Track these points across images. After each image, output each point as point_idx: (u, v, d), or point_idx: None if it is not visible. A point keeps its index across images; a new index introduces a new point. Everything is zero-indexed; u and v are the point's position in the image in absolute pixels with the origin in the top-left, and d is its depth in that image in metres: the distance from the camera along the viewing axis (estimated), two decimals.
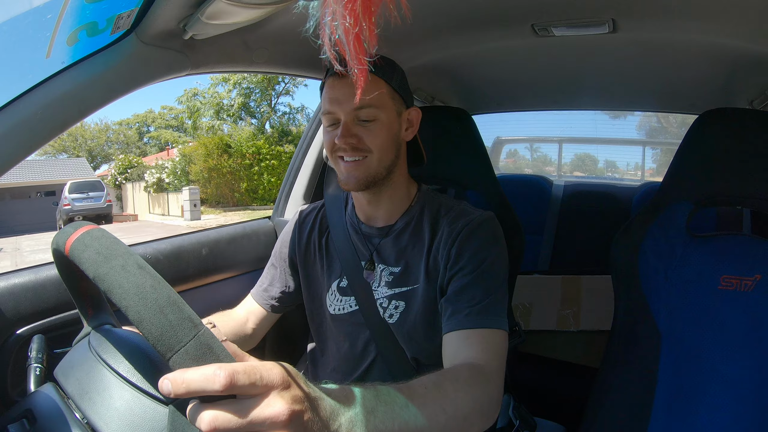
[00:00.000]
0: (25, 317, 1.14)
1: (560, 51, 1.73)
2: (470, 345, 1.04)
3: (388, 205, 1.26)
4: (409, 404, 0.74)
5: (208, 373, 0.51)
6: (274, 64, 1.48)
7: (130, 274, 0.58)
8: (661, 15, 1.37)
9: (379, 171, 1.17)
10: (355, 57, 0.57)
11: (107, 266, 0.59)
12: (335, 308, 1.28)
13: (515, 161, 8.52)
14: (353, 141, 1.14)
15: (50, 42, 0.86)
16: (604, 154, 8.01)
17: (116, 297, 0.57)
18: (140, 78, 1.08)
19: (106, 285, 0.58)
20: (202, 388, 0.50)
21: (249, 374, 0.53)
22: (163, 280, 0.58)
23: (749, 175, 1.25)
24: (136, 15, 0.96)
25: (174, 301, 0.56)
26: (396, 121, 1.20)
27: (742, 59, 1.58)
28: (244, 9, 0.98)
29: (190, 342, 0.53)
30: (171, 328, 0.54)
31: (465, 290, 1.11)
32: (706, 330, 1.21)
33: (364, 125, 1.15)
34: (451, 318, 1.09)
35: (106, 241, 0.63)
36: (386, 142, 1.17)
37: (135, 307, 0.55)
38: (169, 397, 0.51)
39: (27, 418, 0.70)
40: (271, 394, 0.54)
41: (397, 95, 1.20)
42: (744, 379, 1.16)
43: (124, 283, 0.57)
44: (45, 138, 0.93)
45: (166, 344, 0.53)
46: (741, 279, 1.20)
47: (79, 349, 0.80)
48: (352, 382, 1.25)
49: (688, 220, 1.27)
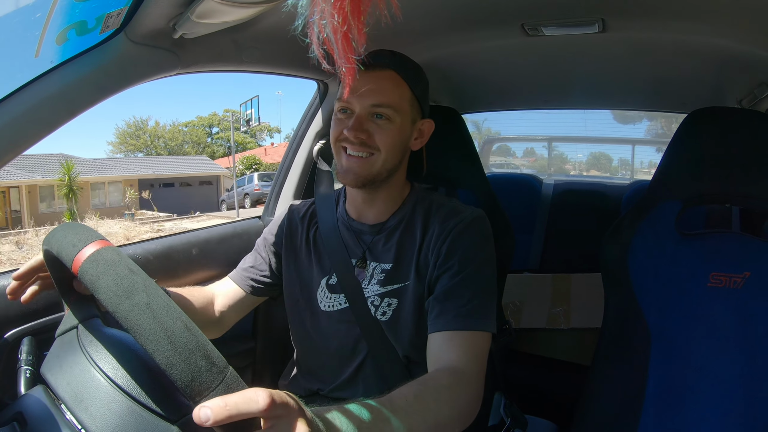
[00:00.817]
0: (13, 320, 1.13)
1: (550, 50, 1.74)
2: (453, 347, 1.05)
3: (381, 205, 1.25)
4: (392, 417, 0.77)
5: (250, 395, 0.54)
6: (264, 63, 1.48)
7: (157, 315, 0.57)
8: (650, 15, 1.38)
9: (381, 172, 1.17)
10: (343, 56, 0.57)
11: (129, 303, 0.58)
12: (325, 305, 1.27)
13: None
14: (363, 136, 1.13)
15: (39, 41, 0.85)
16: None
17: (141, 339, 0.56)
18: (130, 77, 1.07)
19: (130, 325, 0.57)
20: (246, 410, 0.53)
21: (281, 395, 0.57)
22: (190, 321, 0.58)
23: (738, 174, 1.26)
24: (125, 14, 0.96)
25: (202, 346, 0.56)
26: (409, 127, 1.19)
27: (730, 59, 1.59)
28: (234, 8, 0.98)
29: (219, 386, 0.55)
30: (200, 374, 0.55)
31: (453, 291, 1.11)
32: (695, 327, 1.22)
33: (377, 122, 1.14)
34: (438, 318, 1.09)
35: (123, 269, 0.62)
36: (395, 145, 1.16)
37: (164, 353, 0.55)
38: (204, 425, 0.52)
39: (18, 421, 0.69)
40: (290, 416, 0.58)
41: (417, 103, 1.19)
42: (733, 375, 1.17)
43: (151, 326, 0.56)
44: (34, 138, 0.92)
45: (196, 390, 0.54)
46: (730, 276, 1.21)
47: (67, 345, 0.78)
48: (342, 382, 1.25)
49: (678, 219, 1.28)
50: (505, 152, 8.16)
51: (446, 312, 1.09)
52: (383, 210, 1.26)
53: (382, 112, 1.13)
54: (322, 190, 1.37)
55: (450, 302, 1.10)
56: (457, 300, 1.09)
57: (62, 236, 0.70)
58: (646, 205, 1.34)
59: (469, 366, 1.01)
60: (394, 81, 1.15)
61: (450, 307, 1.09)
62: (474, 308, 1.08)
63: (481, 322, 1.08)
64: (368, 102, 1.13)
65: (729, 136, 1.28)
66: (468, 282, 1.11)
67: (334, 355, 1.26)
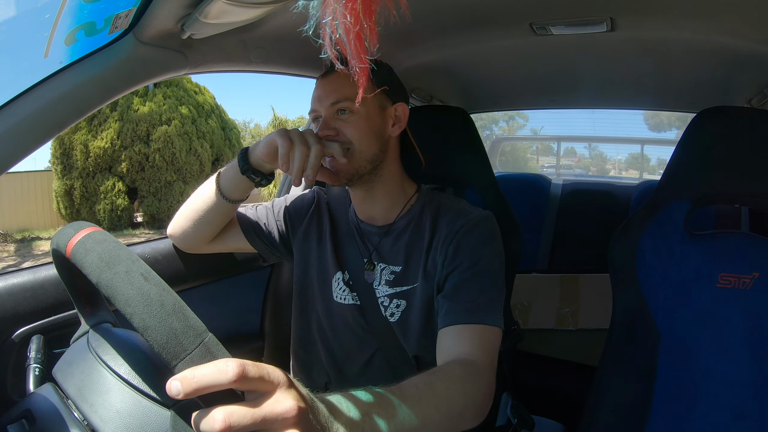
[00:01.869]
0: (23, 317, 1.14)
1: (558, 50, 1.73)
2: (463, 340, 1.04)
3: (384, 203, 1.25)
4: (402, 405, 0.74)
5: (219, 366, 0.50)
6: (272, 63, 1.48)
7: (134, 280, 0.57)
8: (659, 13, 1.37)
9: (361, 164, 1.18)
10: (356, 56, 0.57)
11: (110, 272, 0.58)
12: (338, 296, 1.28)
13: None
14: (331, 133, 1.16)
15: (48, 42, 0.86)
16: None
17: (120, 304, 0.56)
18: (138, 77, 1.08)
19: (110, 291, 0.57)
20: (214, 381, 0.50)
21: (258, 367, 0.53)
22: (168, 287, 0.58)
23: (747, 173, 1.25)
24: (134, 15, 0.96)
25: (179, 309, 0.55)
26: (378, 114, 1.20)
27: (740, 57, 1.58)
28: (242, 8, 0.98)
29: (196, 350, 0.53)
30: (176, 336, 0.53)
31: (461, 288, 1.11)
32: (704, 328, 1.21)
33: (342, 118, 1.17)
34: (447, 314, 1.09)
35: (109, 245, 0.63)
36: (366, 134, 1.17)
37: (140, 315, 0.54)
38: (176, 398, 0.50)
39: (26, 419, 0.70)
40: (278, 391, 0.54)
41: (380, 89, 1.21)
42: (743, 377, 1.16)
43: (128, 291, 0.56)
44: (43, 138, 0.93)
45: (171, 352, 0.53)
46: (739, 277, 1.20)
47: (78, 348, 0.79)
48: (351, 377, 1.26)
49: (687, 219, 1.27)
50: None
51: (455, 307, 1.09)
52: (388, 210, 1.26)
53: (343, 106, 1.16)
54: (335, 190, 1.37)
55: (459, 297, 1.10)
56: (466, 295, 1.10)
57: (61, 231, 0.72)
58: (654, 205, 1.33)
59: (480, 359, 1.00)
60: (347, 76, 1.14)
61: (459, 302, 1.09)
62: (483, 303, 1.08)
63: (491, 316, 1.08)
64: (328, 102, 1.17)
65: (738, 136, 1.27)
66: (476, 278, 1.12)
67: (340, 348, 1.27)
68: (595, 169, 7.10)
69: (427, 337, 1.18)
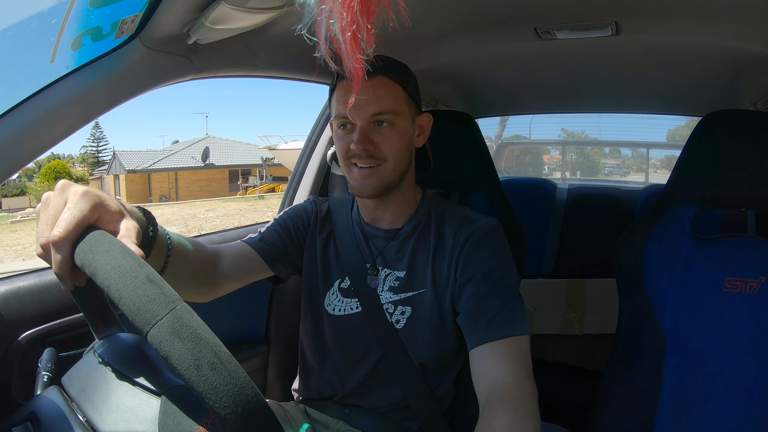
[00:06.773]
0: (29, 321, 1.14)
1: (563, 54, 1.73)
2: (495, 359, 1.05)
3: (395, 209, 1.24)
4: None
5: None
6: (278, 68, 1.48)
7: (112, 256, 0.60)
8: (664, 17, 1.36)
9: (393, 179, 1.16)
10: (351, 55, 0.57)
11: (92, 254, 0.61)
12: (334, 308, 1.26)
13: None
14: (370, 147, 1.12)
15: (55, 47, 0.86)
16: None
17: (99, 279, 0.58)
18: (144, 82, 1.08)
19: (92, 269, 0.60)
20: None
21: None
22: (144, 261, 0.60)
23: (754, 177, 1.24)
24: (140, 20, 0.97)
25: (152, 279, 0.57)
26: (411, 127, 1.18)
27: (745, 61, 1.58)
28: (248, 14, 0.99)
29: (167, 316, 0.54)
30: (148, 303, 0.55)
31: (482, 303, 1.11)
32: (711, 333, 1.21)
33: (380, 131, 1.13)
34: (474, 333, 1.09)
35: (99, 236, 0.65)
36: (401, 149, 1.15)
37: (115, 285, 0.56)
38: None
39: (31, 421, 0.70)
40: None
41: (412, 101, 1.18)
42: (750, 381, 1.16)
43: (105, 265, 0.59)
44: (50, 143, 0.93)
45: (143, 318, 0.54)
46: (746, 281, 1.20)
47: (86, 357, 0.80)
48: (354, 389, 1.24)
49: (693, 223, 1.27)
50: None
51: (480, 325, 1.09)
52: (397, 215, 1.25)
53: (384, 118, 1.12)
54: (336, 195, 1.37)
55: (481, 314, 1.10)
56: (488, 310, 1.09)
57: None
58: (661, 209, 1.33)
59: (516, 375, 1.01)
60: (386, 85, 1.13)
61: (483, 319, 1.09)
62: (507, 315, 1.09)
63: (517, 326, 1.08)
64: (368, 112, 1.11)
65: (744, 139, 1.26)
66: (495, 291, 1.11)
67: (343, 357, 1.26)
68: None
69: (435, 344, 1.18)
